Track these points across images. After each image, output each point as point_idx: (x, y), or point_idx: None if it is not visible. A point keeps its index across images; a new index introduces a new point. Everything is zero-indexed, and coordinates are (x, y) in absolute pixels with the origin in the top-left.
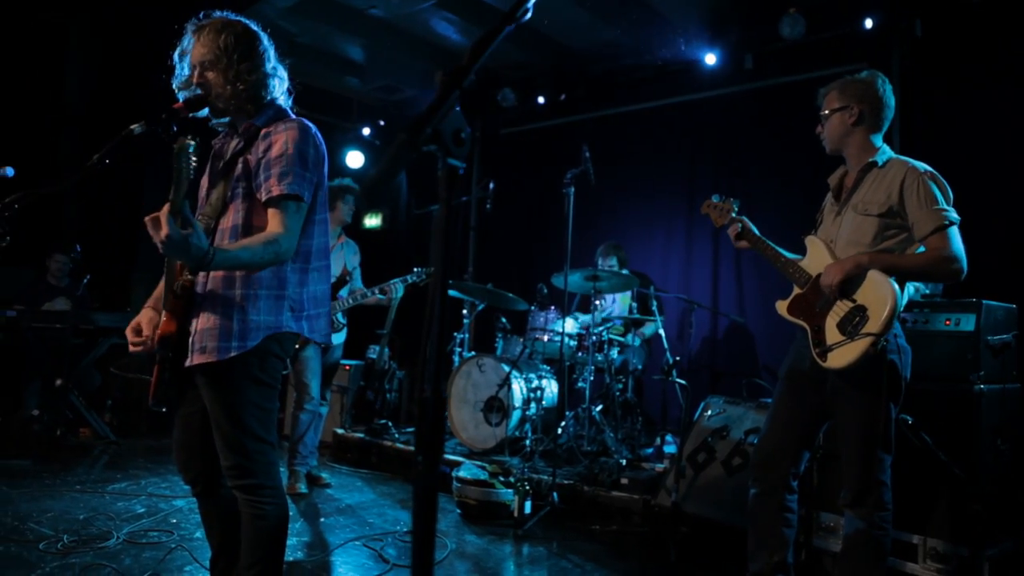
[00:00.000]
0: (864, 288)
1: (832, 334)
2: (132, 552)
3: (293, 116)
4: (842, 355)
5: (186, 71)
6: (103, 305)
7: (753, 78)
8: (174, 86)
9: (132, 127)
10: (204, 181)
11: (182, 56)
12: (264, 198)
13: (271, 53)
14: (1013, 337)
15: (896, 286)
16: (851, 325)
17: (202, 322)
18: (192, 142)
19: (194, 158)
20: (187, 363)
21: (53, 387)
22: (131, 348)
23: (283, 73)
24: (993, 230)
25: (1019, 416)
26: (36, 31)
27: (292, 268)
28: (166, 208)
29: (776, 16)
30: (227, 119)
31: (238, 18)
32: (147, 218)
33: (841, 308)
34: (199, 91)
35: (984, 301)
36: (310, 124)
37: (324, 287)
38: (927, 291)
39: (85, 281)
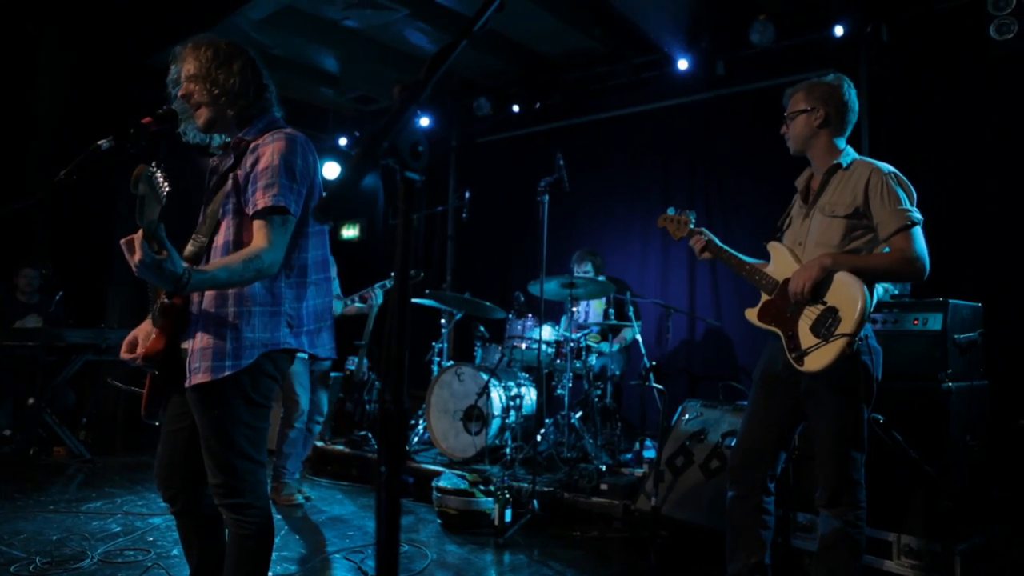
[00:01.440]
0: (833, 289)
1: (807, 338)
2: (107, 572)
3: (285, 128)
4: (819, 358)
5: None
6: (77, 321)
7: (725, 84)
8: (177, 111)
9: (100, 142)
10: (205, 198)
11: (175, 84)
12: (251, 212)
13: (256, 65)
14: (979, 335)
15: (864, 285)
16: (824, 327)
17: (197, 342)
18: (152, 169)
19: (164, 184)
20: (186, 384)
21: (25, 406)
22: (123, 354)
23: (272, 86)
24: (959, 231)
25: (987, 413)
26: (7, 44)
27: (287, 283)
28: (140, 233)
29: (746, 23)
30: (216, 136)
31: (219, 38)
32: (122, 241)
33: (812, 312)
34: (175, 107)
35: (951, 300)
36: (298, 134)
37: (325, 300)
38: (895, 291)
39: (58, 297)
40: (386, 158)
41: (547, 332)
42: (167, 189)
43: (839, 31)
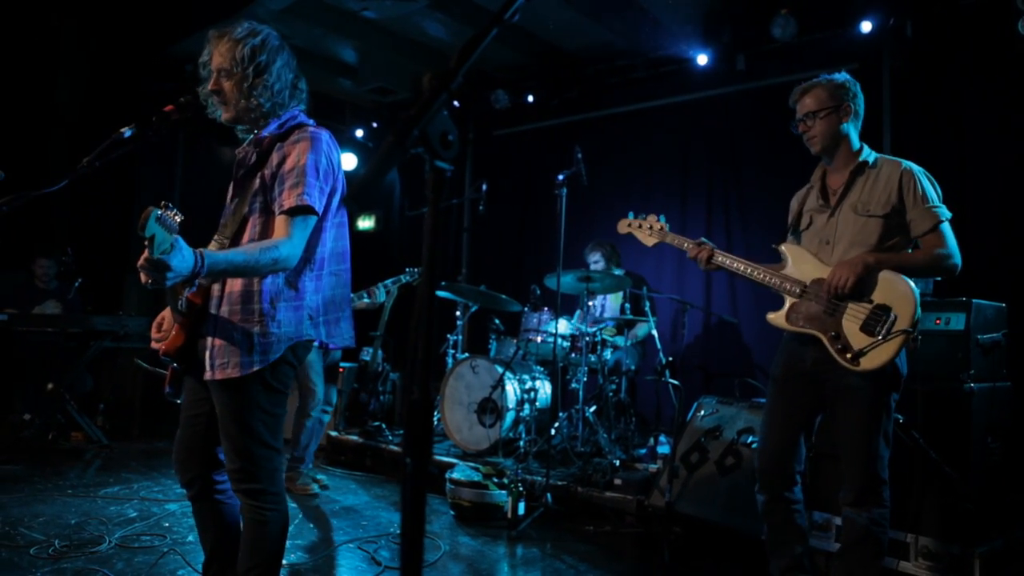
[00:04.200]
0: (880, 288)
1: (858, 338)
2: (124, 556)
3: (309, 125)
4: (877, 356)
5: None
6: (96, 308)
7: (745, 79)
8: (200, 93)
9: (122, 130)
10: (230, 191)
11: (204, 66)
12: (277, 211)
13: (292, 64)
14: (1003, 336)
15: (911, 282)
16: (880, 325)
17: (221, 338)
18: (159, 210)
19: (175, 218)
20: (207, 377)
21: (44, 391)
22: (152, 344)
23: (303, 84)
24: (983, 230)
25: (1009, 414)
26: (27, 33)
27: (309, 276)
28: (148, 252)
29: (768, 17)
30: (241, 127)
31: (261, 27)
32: (141, 265)
33: (858, 310)
34: (208, 96)
35: (974, 300)
36: (323, 132)
37: (341, 291)
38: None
39: (77, 284)
40: (416, 147)
41: (563, 326)
42: (179, 219)
43: (866, 27)
